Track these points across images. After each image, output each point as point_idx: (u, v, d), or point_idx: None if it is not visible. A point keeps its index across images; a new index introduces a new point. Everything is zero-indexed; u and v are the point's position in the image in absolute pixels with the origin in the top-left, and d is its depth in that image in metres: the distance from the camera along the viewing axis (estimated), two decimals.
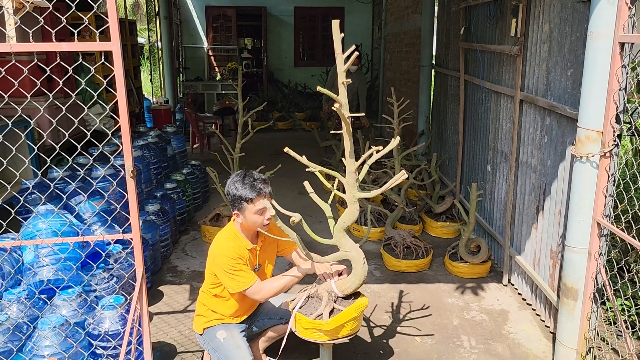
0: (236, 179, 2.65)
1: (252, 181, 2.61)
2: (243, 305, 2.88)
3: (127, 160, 2.45)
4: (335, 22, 2.39)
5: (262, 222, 2.67)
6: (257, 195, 2.60)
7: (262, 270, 2.89)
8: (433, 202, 5.36)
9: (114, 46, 2.35)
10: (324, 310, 2.66)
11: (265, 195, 2.62)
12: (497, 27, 4.42)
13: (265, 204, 2.60)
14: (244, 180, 2.62)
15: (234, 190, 2.62)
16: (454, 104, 5.90)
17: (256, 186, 2.60)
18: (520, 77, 3.89)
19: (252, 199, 2.59)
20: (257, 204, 2.61)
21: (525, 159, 3.92)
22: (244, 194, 2.59)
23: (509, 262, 4.23)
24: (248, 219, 2.65)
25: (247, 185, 2.60)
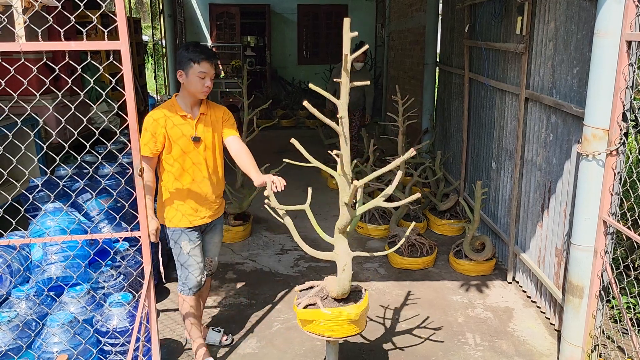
0: (190, 44, 2.82)
1: (203, 48, 2.80)
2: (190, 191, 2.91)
3: (135, 158, 2.47)
4: (346, 20, 2.39)
5: (202, 88, 2.80)
6: (205, 60, 2.76)
7: (203, 145, 2.90)
8: (437, 200, 5.37)
9: (123, 45, 2.36)
10: (302, 300, 2.67)
11: (211, 63, 2.79)
12: (502, 25, 4.42)
13: (207, 70, 2.78)
14: (195, 46, 2.80)
15: (185, 51, 2.78)
16: (458, 102, 5.90)
17: (206, 51, 2.79)
18: (525, 75, 3.90)
19: (199, 60, 2.75)
20: (201, 66, 2.76)
21: (530, 157, 3.92)
22: (193, 55, 2.75)
23: (514, 259, 4.23)
24: (190, 79, 2.78)
25: (198, 48, 2.77)
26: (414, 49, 8.11)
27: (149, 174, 2.81)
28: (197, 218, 2.94)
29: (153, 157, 2.83)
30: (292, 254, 4.80)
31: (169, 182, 2.90)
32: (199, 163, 2.89)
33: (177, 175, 2.88)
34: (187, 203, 2.90)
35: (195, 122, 2.87)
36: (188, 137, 2.84)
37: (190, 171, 2.88)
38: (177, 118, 2.83)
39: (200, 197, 2.93)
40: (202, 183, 2.92)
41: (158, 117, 2.80)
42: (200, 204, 2.93)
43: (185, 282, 3.00)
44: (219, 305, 3.89)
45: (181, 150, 2.84)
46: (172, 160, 2.85)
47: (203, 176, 2.92)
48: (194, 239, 2.95)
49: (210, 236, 3.11)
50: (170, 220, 2.91)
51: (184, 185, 2.89)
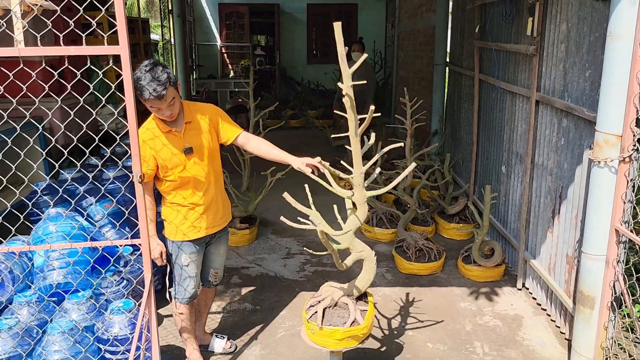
0: (142, 69, 2.52)
1: (151, 80, 2.48)
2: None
3: (135, 164, 2.43)
4: (337, 24, 2.33)
5: (163, 117, 2.64)
6: (149, 99, 2.52)
7: (197, 155, 2.77)
8: (446, 204, 5.29)
9: (122, 50, 2.32)
10: (356, 316, 2.63)
11: (160, 98, 2.50)
12: (513, 26, 4.33)
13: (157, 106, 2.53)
14: (146, 75, 2.49)
15: (136, 79, 2.50)
16: (468, 104, 5.81)
17: (151, 88, 2.48)
18: (536, 77, 3.81)
19: (144, 99, 2.52)
20: (149, 103, 2.55)
21: (541, 161, 3.84)
22: (138, 92, 2.50)
23: (524, 265, 4.15)
24: (148, 108, 2.61)
25: (144, 82, 2.48)
26: (424, 50, 8.01)
27: (147, 200, 2.75)
28: (198, 232, 2.88)
29: (148, 182, 2.75)
30: (298, 258, 4.75)
31: (168, 199, 2.85)
32: (196, 174, 2.80)
33: (176, 191, 2.81)
34: (188, 218, 2.84)
35: (183, 133, 2.75)
36: (179, 152, 2.73)
37: (188, 185, 2.80)
38: (163, 137, 2.71)
39: (201, 210, 2.86)
40: (203, 194, 2.85)
41: (146, 139, 2.69)
42: (202, 216, 2.87)
43: (179, 292, 2.95)
44: (223, 311, 3.85)
45: (175, 166, 2.75)
46: (168, 177, 2.77)
47: (202, 187, 2.83)
48: (193, 252, 2.89)
49: (215, 247, 3.05)
50: (173, 235, 2.87)
51: (184, 200, 2.82)
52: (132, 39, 6.95)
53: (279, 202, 2.63)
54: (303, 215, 2.54)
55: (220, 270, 3.18)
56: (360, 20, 13.76)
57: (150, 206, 2.79)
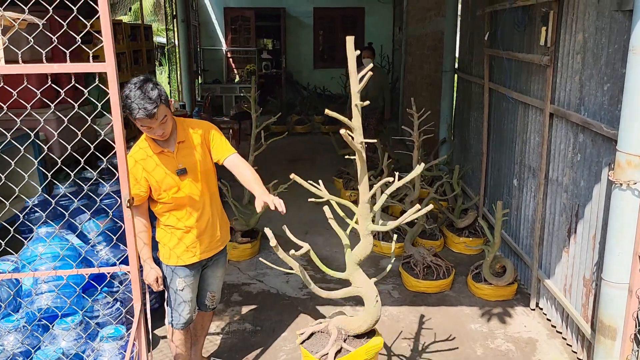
0: (131, 87, 2.38)
1: (141, 99, 2.34)
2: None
3: (123, 187, 2.28)
4: (349, 38, 2.16)
5: (154, 136, 2.49)
6: (139, 118, 2.37)
7: (191, 175, 2.62)
8: (455, 216, 5.10)
9: (109, 67, 2.19)
10: (329, 350, 2.46)
11: (151, 116, 2.36)
12: (525, 35, 4.15)
13: (148, 124, 2.39)
14: (136, 92, 2.35)
15: (125, 99, 2.36)
16: (477, 112, 5.63)
17: (141, 106, 2.33)
18: (550, 89, 3.63)
19: (134, 117, 2.38)
20: (139, 122, 2.41)
21: (556, 177, 3.65)
22: (127, 110, 2.36)
23: (537, 285, 3.96)
24: (140, 128, 2.47)
25: (135, 101, 2.34)
26: (432, 55, 7.83)
27: (141, 224, 2.60)
28: (194, 256, 2.72)
29: (142, 204, 2.61)
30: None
31: (162, 221, 2.71)
32: (191, 196, 2.65)
33: (169, 212, 2.66)
34: (183, 241, 2.69)
35: (176, 153, 2.60)
36: (172, 173, 2.58)
37: (182, 206, 2.65)
38: (155, 157, 2.57)
39: (197, 232, 2.71)
40: (198, 217, 2.69)
41: (139, 159, 2.55)
42: (198, 239, 2.71)
43: (174, 317, 2.80)
44: (222, 332, 3.69)
45: (169, 188, 2.60)
46: (162, 199, 2.63)
47: (198, 209, 2.68)
48: (188, 276, 2.74)
49: (212, 270, 2.90)
50: (167, 259, 2.73)
51: (178, 222, 2.67)
52: (134, 45, 6.84)
53: (288, 205, 2.50)
54: (306, 223, 2.39)
55: (218, 294, 3.03)
56: (367, 24, 13.60)
57: (144, 228, 2.65)
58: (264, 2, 13.48)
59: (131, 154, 2.59)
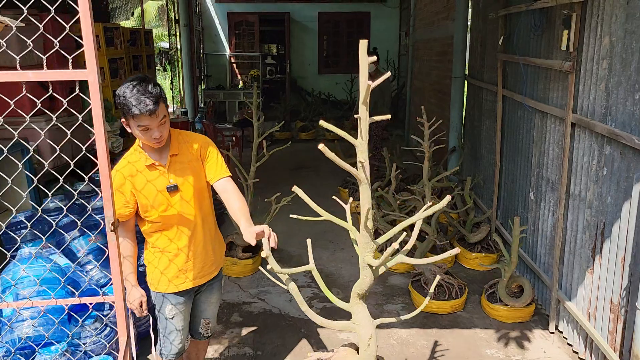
0: (128, 84, 2.22)
1: (141, 94, 2.18)
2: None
3: (107, 209, 2.05)
4: (363, 42, 1.91)
5: (150, 141, 2.27)
6: (140, 114, 2.18)
7: (184, 193, 2.39)
8: (467, 230, 4.85)
9: (90, 75, 1.96)
10: None
11: (151, 113, 2.19)
12: (543, 39, 3.91)
13: (147, 123, 2.19)
14: (133, 89, 2.18)
15: (120, 97, 2.20)
16: (490, 121, 5.39)
17: (142, 101, 2.17)
18: (572, 97, 3.38)
19: (133, 114, 2.18)
20: (139, 120, 2.20)
21: (578, 192, 3.40)
22: (126, 106, 2.18)
23: (557, 306, 3.70)
24: (134, 132, 2.27)
25: (134, 96, 2.17)
26: (440, 60, 7.60)
27: (127, 243, 2.37)
28: (186, 280, 2.49)
29: (129, 220, 2.38)
30: (305, 291, 4.34)
31: (151, 242, 2.47)
32: (182, 215, 2.41)
33: (159, 232, 2.43)
34: (174, 264, 2.45)
35: (168, 168, 2.37)
36: (163, 189, 2.36)
37: (172, 227, 2.42)
38: (146, 171, 2.35)
39: (190, 255, 2.47)
40: (189, 239, 2.45)
41: (126, 174, 2.33)
42: (190, 263, 2.48)
43: (164, 346, 2.56)
44: (221, 357, 3.45)
45: (158, 206, 2.37)
46: (149, 217, 2.39)
47: (189, 230, 2.45)
48: (179, 303, 2.51)
49: (205, 295, 2.66)
50: (155, 285, 2.49)
51: (168, 244, 2.43)
52: (134, 50, 6.64)
53: (286, 226, 2.27)
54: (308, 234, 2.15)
55: (213, 321, 2.79)
56: (372, 28, 13.39)
57: (130, 246, 2.42)
58: (268, 7, 13.31)
59: (118, 168, 2.36)
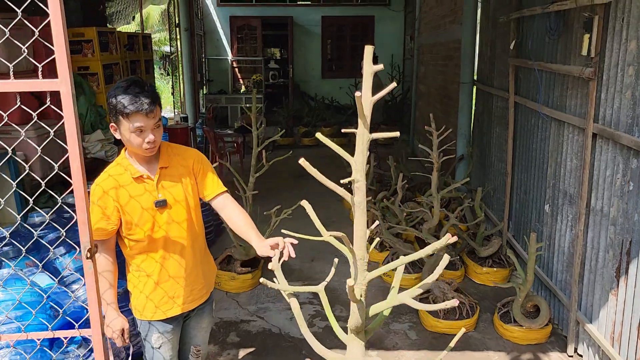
0: (120, 85, 2.07)
1: (137, 92, 2.02)
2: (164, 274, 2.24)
3: (82, 235, 1.83)
4: (369, 47, 1.67)
5: (142, 145, 2.07)
6: (135, 112, 2.01)
7: (172, 210, 2.18)
8: (477, 244, 4.61)
9: (63, 85, 1.74)
10: None
11: (147, 113, 2.02)
12: (560, 43, 3.68)
13: (142, 124, 2.02)
14: (127, 89, 2.03)
15: (112, 97, 2.04)
16: (500, 128, 5.16)
17: (138, 99, 2.01)
18: (594, 105, 3.15)
19: (128, 113, 2.00)
20: (133, 120, 2.02)
21: (600, 207, 3.17)
22: (120, 105, 2.00)
23: (576, 328, 3.46)
24: (125, 137, 2.08)
25: (129, 95, 2.01)
26: (447, 65, 7.38)
27: (106, 261, 2.16)
28: (174, 306, 2.26)
29: (109, 239, 2.16)
30: (307, 308, 4.11)
31: (135, 265, 2.24)
32: (169, 234, 2.20)
33: (145, 254, 2.20)
34: (161, 288, 2.23)
35: (157, 182, 2.17)
36: (150, 205, 2.15)
37: (158, 247, 2.20)
38: (132, 185, 2.13)
39: (177, 279, 2.25)
40: (178, 259, 2.24)
41: (108, 188, 2.11)
42: (178, 287, 2.25)
43: None
44: None
45: (145, 223, 2.15)
46: (135, 237, 2.17)
47: (179, 251, 2.23)
48: (166, 331, 2.29)
49: (195, 321, 2.43)
50: (140, 312, 2.26)
51: (154, 266, 2.21)
52: (131, 55, 6.45)
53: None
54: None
55: (204, 347, 2.56)
56: (377, 32, 13.18)
57: (110, 267, 2.19)
58: (270, 11, 13.14)
59: (98, 182, 2.15)
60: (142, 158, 2.16)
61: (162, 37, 17.79)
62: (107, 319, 2.18)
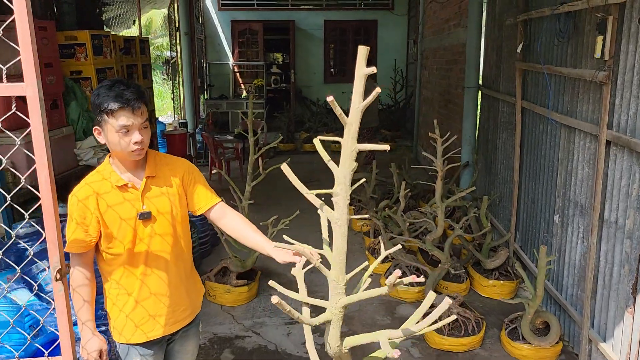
0: (103, 84, 1.94)
1: (122, 90, 1.89)
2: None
3: (52, 255, 1.67)
4: (362, 48, 1.50)
5: (129, 146, 1.91)
6: (122, 108, 1.87)
7: (157, 223, 2.02)
8: (483, 256, 4.42)
9: (29, 89, 1.59)
10: None
11: (134, 109, 1.89)
12: (570, 46, 3.51)
13: (129, 122, 1.87)
14: (112, 87, 1.89)
15: (96, 96, 1.90)
16: (506, 134, 4.98)
17: (122, 94, 1.87)
18: (607, 111, 2.98)
19: (113, 110, 1.86)
20: (119, 117, 1.87)
21: (614, 219, 2.99)
22: (105, 102, 1.87)
23: (588, 346, 3.27)
24: (110, 139, 1.92)
25: (113, 92, 1.87)
26: (451, 69, 7.21)
27: (82, 276, 1.99)
28: (156, 326, 2.09)
29: (87, 252, 1.99)
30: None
31: (114, 281, 2.06)
32: (152, 250, 2.03)
33: (124, 269, 2.03)
34: (143, 307, 2.05)
35: (142, 192, 2.00)
36: (133, 216, 1.98)
37: (141, 262, 2.03)
38: (113, 193, 1.96)
39: (159, 296, 2.08)
40: (161, 276, 2.07)
41: (86, 197, 1.94)
42: (160, 305, 2.08)
43: None
44: None
45: (126, 236, 1.98)
46: (114, 251, 2.00)
47: (162, 267, 2.06)
48: (148, 355, 2.11)
49: (180, 344, 2.25)
50: (120, 333, 2.08)
51: (134, 282, 2.04)
52: (128, 59, 6.31)
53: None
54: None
55: None
56: (380, 36, 13.03)
57: (86, 281, 2.01)
58: (272, 15, 13.01)
59: (75, 192, 1.98)
60: (128, 164, 2.00)
61: (164, 42, 17.72)
62: (82, 340, 2.01)
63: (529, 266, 4.23)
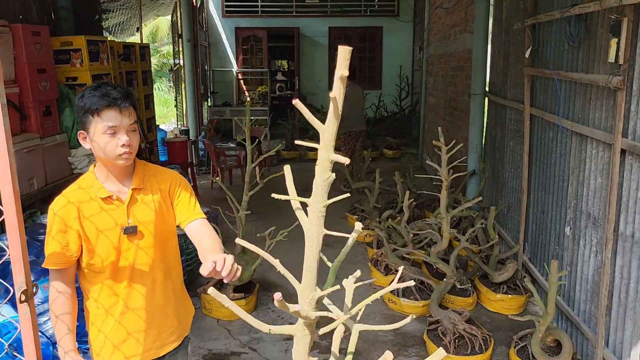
0: (89, 87, 1.84)
1: (108, 89, 1.79)
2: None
3: (17, 274, 1.53)
4: (343, 49, 1.34)
5: (116, 149, 1.78)
6: (107, 107, 1.76)
7: (143, 238, 1.88)
8: (491, 268, 4.25)
9: None
10: None
11: (121, 109, 1.78)
12: (581, 50, 3.35)
13: (116, 122, 1.76)
14: (98, 88, 1.80)
15: (80, 99, 1.80)
16: (514, 142, 4.82)
17: (110, 95, 1.77)
18: (622, 118, 2.81)
19: (98, 110, 1.75)
20: (104, 117, 1.77)
21: (631, 232, 2.81)
22: (90, 104, 1.76)
23: None
24: (96, 141, 1.79)
25: (99, 92, 1.78)
26: (457, 76, 7.06)
27: (64, 301, 1.84)
28: (139, 349, 1.94)
29: (67, 269, 1.84)
30: None
31: (94, 298, 1.91)
32: (140, 265, 1.89)
33: (106, 286, 1.88)
34: (124, 326, 1.91)
35: (127, 205, 1.86)
36: (118, 230, 1.84)
37: (124, 279, 1.88)
38: (96, 205, 1.83)
39: (145, 317, 1.93)
40: (147, 295, 1.92)
41: (66, 210, 1.80)
42: (145, 327, 1.93)
43: None
44: None
45: (109, 251, 1.84)
46: (96, 267, 1.86)
47: (146, 285, 1.91)
48: None
49: None
50: (99, 354, 1.93)
51: (116, 300, 1.90)
52: (127, 66, 6.21)
53: (283, 260, 1.73)
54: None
55: None
56: (385, 43, 12.92)
57: (69, 303, 1.87)
58: (277, 22, 12.94)
59: (54, 205, 1.84)
60: (115, 172, 1.87)
61: (171, 50, 17.69)
62: None
63: (539, 279, 4.06)
